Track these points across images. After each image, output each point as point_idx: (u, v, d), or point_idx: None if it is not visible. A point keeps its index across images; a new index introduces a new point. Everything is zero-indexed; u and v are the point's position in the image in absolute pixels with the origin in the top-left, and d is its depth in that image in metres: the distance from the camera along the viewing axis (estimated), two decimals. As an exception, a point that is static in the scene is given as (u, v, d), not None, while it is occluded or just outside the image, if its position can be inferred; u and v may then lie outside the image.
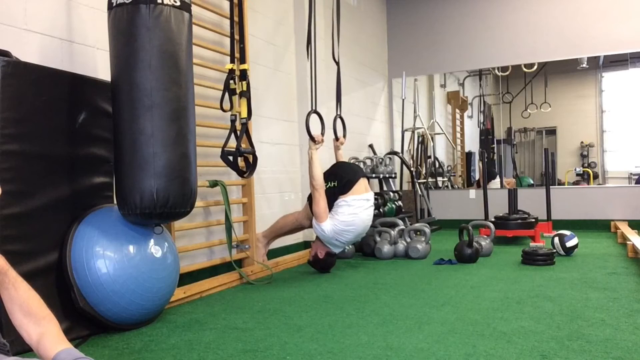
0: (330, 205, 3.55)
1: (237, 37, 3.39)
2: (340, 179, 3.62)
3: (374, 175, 5.31)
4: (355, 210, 3.55)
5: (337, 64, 4.01)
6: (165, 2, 2.25)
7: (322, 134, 3.69)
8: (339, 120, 3.94)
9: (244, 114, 3.24)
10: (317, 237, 3.62)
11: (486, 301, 2.74)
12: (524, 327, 2.24)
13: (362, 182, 3.68)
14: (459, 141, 7.89)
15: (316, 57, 3.95)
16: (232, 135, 3.26)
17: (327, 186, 3.58)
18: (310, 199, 3.60)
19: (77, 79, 2.43)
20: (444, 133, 7.50)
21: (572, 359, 1.86)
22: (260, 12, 4.17)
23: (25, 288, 1.41)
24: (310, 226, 3.68)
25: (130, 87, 2.25)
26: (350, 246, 4.26)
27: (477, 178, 7.53)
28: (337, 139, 3.95)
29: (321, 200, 3.48)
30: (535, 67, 6.64)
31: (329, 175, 3.68)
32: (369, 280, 3.44)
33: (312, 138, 3.59)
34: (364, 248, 4.39)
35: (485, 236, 4.50)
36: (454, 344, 2.05)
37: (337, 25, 4.02)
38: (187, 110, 2.36)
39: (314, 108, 3.75)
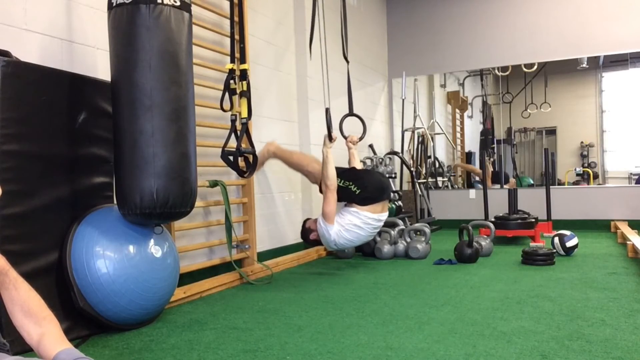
0: (340, 200, 3.49)
1: (237, 37, 3.39)
2: (364, 189, 3.52)
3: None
4: (364, 226, 3.50)
5: (347, 61, 4.00)
6: (165, 2, 2.25)
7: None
8: (348, 119, 3.88)
9: (244, 114, 3.24)
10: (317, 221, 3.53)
11: (486, 301, 2.74)
12: (524, 327, 2.24)
13: (383, 203, 3.62)
14: (459, 141, 7.88)
15: (314, 56, 3.95)
16: (232, 135, 3.26)
17: (347, 185, 3.50)
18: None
19: (77, 79, 2.43)
20: (444, 133, 7.50)
21: (572, 359, 1.86)
22: (260, 12, 4.16)
23: (25, 288, 1.41)
24: (312, 182, 3.73)
25: (130, 87, 2.25)
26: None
27: (477, 179, 7.53)
28: (345, 137, 3.89)
29: (332, 201, 3.40)
30: (535, 67, 6.63)
31: (356, 178, 3.58)
32: (369, 280, 3.44)
33: (330, 136, 3.51)
34: (364, 248, 4.39)
35: (485, 236, 4.50)
36: (454, 344, 2.05)
37: (345, 23, 4.01)
38: (187, 110, 2.36)
39: (327, 106, 3.69)
